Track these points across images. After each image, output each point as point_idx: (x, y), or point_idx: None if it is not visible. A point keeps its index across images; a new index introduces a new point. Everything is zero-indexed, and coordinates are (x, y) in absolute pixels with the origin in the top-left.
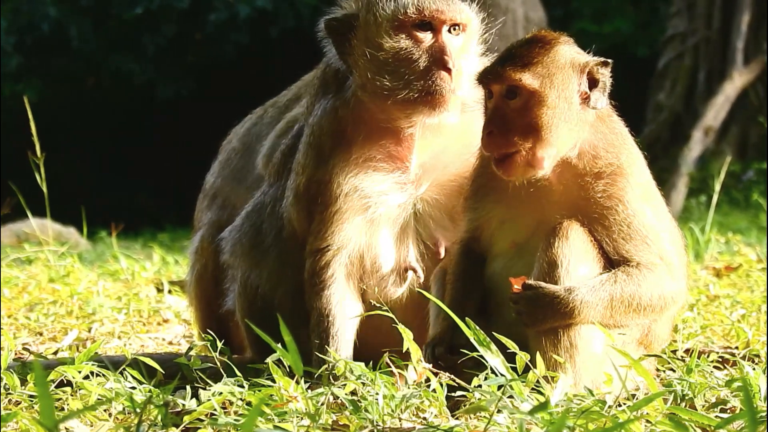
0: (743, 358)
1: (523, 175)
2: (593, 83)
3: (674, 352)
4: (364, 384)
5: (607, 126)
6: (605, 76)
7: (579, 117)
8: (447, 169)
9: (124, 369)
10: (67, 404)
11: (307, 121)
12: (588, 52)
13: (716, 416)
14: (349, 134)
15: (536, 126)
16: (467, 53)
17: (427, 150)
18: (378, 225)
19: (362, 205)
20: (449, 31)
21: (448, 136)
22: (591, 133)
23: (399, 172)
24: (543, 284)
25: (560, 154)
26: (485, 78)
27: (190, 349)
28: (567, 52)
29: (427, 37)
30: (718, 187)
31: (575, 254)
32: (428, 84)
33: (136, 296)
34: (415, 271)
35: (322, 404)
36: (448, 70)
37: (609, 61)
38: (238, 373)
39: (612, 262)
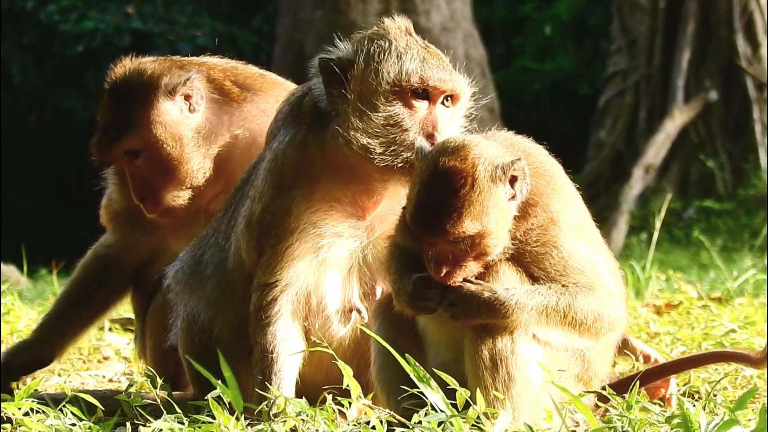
0: (683, 394)
1: None
2: (513, 179)
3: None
4: (304, 420)
5: (531, 170)
6: (519, 168)
7: (510, 209)
8: None
9: (64, 406)
10: None
11: (270, 146)
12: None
13: None
14: (316, 171)
15: (485, 252)
16: (452, 125)
17: (387, 201)
18: (328, 265)
19: (315, 244)
20: (443, 101)
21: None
22: None
23: (356, 218)
24: (484, 283)
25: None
26: (425, 240)
27: (130, 385)
28: (487, 170)
29: (422, 107)
30: (658, 224)
31: (507, 281)
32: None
33: None
34: (359, 311)
35: None
36: (433, 143)
37: (519, 158)
38: (179, 410)
39: None
